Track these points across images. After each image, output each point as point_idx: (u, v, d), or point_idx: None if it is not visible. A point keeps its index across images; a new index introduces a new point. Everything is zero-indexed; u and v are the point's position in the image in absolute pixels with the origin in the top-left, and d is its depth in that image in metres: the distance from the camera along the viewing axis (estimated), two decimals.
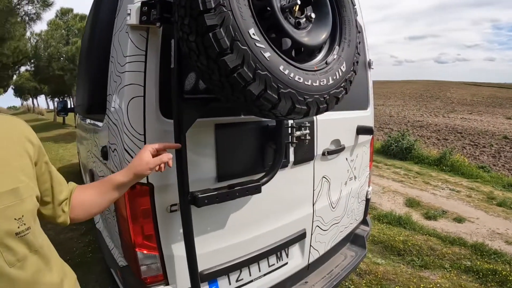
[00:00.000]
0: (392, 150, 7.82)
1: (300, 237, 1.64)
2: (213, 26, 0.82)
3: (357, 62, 1.22)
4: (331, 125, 1.73)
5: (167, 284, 1.22)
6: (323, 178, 1.74)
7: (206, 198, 1.12)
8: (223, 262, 1.36)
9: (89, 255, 2.87)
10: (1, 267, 0.59)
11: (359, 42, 1.25)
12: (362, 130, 1.95)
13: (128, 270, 1.28)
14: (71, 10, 15.02)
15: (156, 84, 1.12)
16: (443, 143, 12.70)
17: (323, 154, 1.69)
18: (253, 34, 0.85)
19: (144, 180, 1.14)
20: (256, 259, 1.47)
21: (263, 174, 1.35)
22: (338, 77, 1.09)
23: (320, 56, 1.11)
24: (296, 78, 0.94)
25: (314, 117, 1.61)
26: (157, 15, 1.04)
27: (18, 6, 6.47)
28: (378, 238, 3.16)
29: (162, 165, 0.97)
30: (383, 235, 3.22)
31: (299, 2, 0.98)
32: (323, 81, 1.03)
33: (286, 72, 0.91)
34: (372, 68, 2.14)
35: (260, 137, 1.38)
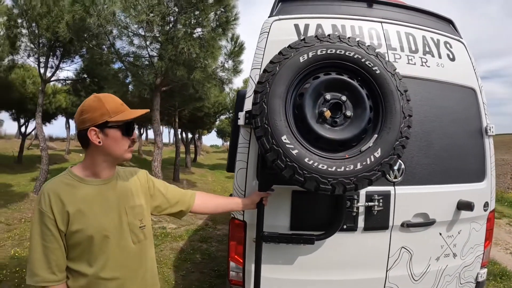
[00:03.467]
0: None
1: None
2: (260, 136, 1.46)
3: (403, 146, 1.49)
4: (414, 199, 1.87)
5: None
6: (403, 248, 1.87)
7: (269, 237, 1.74)
8: None
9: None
10: (129, 242, 1.27)
11: (408, 126, 1.51)
12: (462, 206, 1.90)
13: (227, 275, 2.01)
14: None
15: (255, 161, 1.85)
16: None
17: (402, 225, 1.85)
18: (285, 139, 1.42)
19: (241, 218, 1.88)
20: None
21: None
22: (369, 162, 1.43)
23: (356, 145, 1.50)
24: (320, 166, 1.40)
25: (392, 190, 1.85)
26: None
27: (213, 74, 9.23)
28: None
29: (265, 201, 1.73)
30: None
31: (325, 110, 1.46)
32: (350, 166, 1.42)
33: (310, 162, 1.40)
34: (491, 135, 2.04)
35: (326, 203, 1.81)
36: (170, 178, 13.44)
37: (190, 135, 21.70)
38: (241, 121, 1.83)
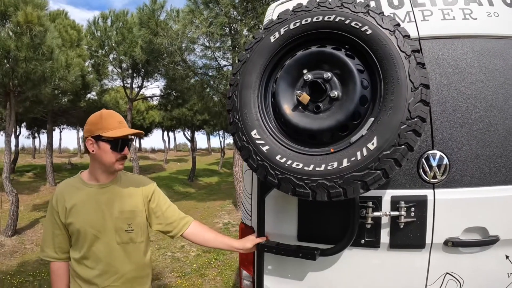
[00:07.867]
0: None
1: None
2: (233, 133, 1.31)
3: (414, 131, 1.12)
4: (465, 206, 1.40)
5: None
6: (448, 274, 1.41)
7: (266, 247, 1.57)
8: None
9: None
10: (113, 242, 1.44)
11: (422, 102, 1.13)
12: None
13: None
14: None
15: None
16: None
17: (447, 244, 1.41)
18: (255, 134, 1.24)
19: (249, 223, 1.77)
20: None
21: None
22: (359, 157, 1.13)
23: (348, 135, 1.20)
24: (294, 165, 1.17)
25: (430, 194, 1.44)
26: None
27: None
28: None
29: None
30: None
31: (298, 93, 1.22)
32: (333, 164, 1.14)
33: (283, 160, 1.18)
34: None
35: (338, 210, 1.51)
36: None
37: None
38: None
